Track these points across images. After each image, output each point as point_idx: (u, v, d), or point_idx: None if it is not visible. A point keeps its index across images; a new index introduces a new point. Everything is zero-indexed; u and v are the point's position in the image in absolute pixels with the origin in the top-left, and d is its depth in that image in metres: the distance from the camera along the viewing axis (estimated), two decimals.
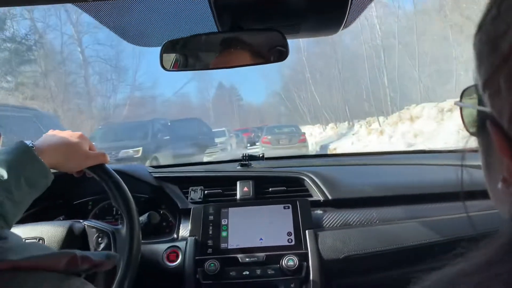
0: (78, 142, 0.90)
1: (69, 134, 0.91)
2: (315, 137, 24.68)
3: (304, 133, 16.69)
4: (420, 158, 1.66)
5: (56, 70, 20.34)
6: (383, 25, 21.63)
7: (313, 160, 1.81)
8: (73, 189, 1.43)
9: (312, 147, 17.52)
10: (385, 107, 20.35)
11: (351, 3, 0.94)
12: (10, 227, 0.73)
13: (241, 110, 52.96)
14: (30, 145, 0.82)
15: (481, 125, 0.41)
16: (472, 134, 0.44)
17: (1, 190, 0.72)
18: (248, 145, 24.31)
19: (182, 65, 1.04)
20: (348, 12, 0.99)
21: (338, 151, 11.90)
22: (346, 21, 1.03)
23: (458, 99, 0.46)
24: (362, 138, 15.83)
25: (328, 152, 11.57)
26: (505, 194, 0.37)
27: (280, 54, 0.98)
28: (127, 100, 26.65)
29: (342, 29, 1.10)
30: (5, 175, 0.73)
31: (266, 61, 1.00)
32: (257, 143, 20.62)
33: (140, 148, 9.86)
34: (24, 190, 0.76)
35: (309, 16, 1.00)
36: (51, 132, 0.92)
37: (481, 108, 0.38)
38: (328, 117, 28.87)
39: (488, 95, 0.36)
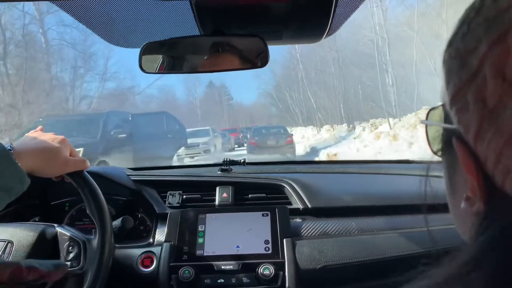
0: (59, 147, 0.88)
1: (51, 138, 0.88)
2: (309, 139, 22.73)
3: (292, 134, 17.19)
4: (402, 168, 1.66)
5: (18, 55, 18.13)
6: (391, 13, 19.92)
7: (295, 167, 1.80)
8: (50, 189, 1.40)
9: (305, 151, 16.42)
10: (390, 108, 18.75)
11: (333, 12, 0.94)
12: None
13: (231, 109, 52.51)
14: (8, 148, 0.79)
15: (446, 143, 0.40)
16: (436, 152, 0.44)
17: None
18: (236, 146, 23.94)
19: (161, 68, 1.03)
20: (331, 20, 0.98)
21: (341, 158, 10.41)
22: (329, 30, 1.03)
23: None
24: (370, 143, 13.47)
25: (328, 159, 10.78)
26: (468, 214, 0.37)
27: (261, 60, 0.97)
28: (96, 92, 23.68)
29: (325, 37, 1.10)
30: None
31: (247, 67, 0.99)
32: (245, 144, 20.60)
33: (81, 149, 7.78)
34: None
35: (291, 23, 0.99)
36: (32, 134, 0.89)
37: (447, 125, 0.38)
38: (323, 118, 27.62)
39: (455, 110, 0.36)
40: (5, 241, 0.95)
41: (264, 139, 15.00)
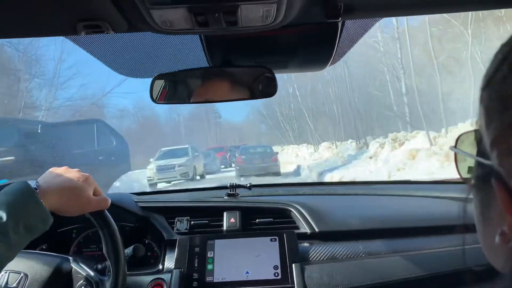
0: (83, 186, 0.87)
1: (76, 176, 0.88)
2: (305, 159, 20.57)
3: (277, 153, 17.99)
4: (408, 189, 1.68)
5: None
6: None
7: (301, 189, 1.81)
8: (58, 216, 1.41)
9: (305, 174, 14.97)
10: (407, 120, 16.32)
11: (338, 43, 0.97)
12: (0, 270, 0.71)
13: (219, 128, 51.02)
14: (34, 186, 0.79)
15: (481, 178, 0.40)
16: (468, 182, 0.44)
17: None
18: (222, 166, 22.50)
19: (171, 98, 1.05)
20: (336, 50, 1.02)
21: None
22: (333, 59, 1.06)
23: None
24: (402, 165, 10.43)
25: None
26: (502, 248, 0.37)
27: (269, 89, 1.00)
28: (44, 103, 17.88)
29: (329, 65, 1.14)
30: (4, 218, 0.71)
31: (254, 96, 1.02)
32: (233, 165, 20.27)
33: None
34: (21, 234, 0.74)
35: (297, 54, 1.03)
36: (57, 169, 0.89)
37: (484, 161, 0.38)
38: (319, 135, 25.37)
39: (496, 153, 0.36)
40: (20, 274, 0.96)
41: (251, 158, 15.82)
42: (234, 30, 0.80)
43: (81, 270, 1.01)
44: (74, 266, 1.01)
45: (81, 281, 0.99)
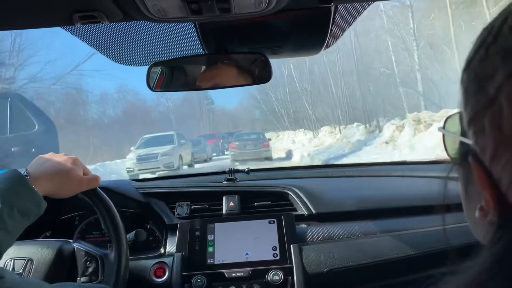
0: (72, 168, 0.90)
1: (63, 159, 0.91)
2: (304, 146, 19.20)
3: (269, 139, 18.57)
4: (403, 170, 1.71)
5: None
6: None
7: (298, 172, 1.84)
8: (60, 204, 1.43)
9: (305, 162, 13.79)
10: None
11: (331, 27, 0.98)
12: (1, 256, 0.74)
13: (212, 114, 49.01)
14: (24, 173, 0.82)
15: (462, 156, 0.43)
16: (453, 160, 0.46)
17: None
18: (214, 154, 21.20)
19: (168, 86, 1.07)
20: (329, 34, 1.03)
21: None
22: (327, 43, 1.07)
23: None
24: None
25: None
26: (482, 223, 0.40)
27: (264, 75, 1.01)
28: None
29: (324, 50, 1.15)
30: None
31: (250, 82, 1.03)
32: (226, 152, 20.48)
33: None
34: (17, 219, 0.76)
35: (291, 39, 1.04)
36: (45, 155, 0.92)
37: (464, 139, 0.41)
38: (317, 119, 23.63)
39: (472, 132, 0.38)
40: (25, 259, 0.99)
41: (244, 144, 16.59)
42: (227, 17, 0.81)
43: (82, 247, 1.04)
44: (75, 245, 1.04)
45: (85, 258, 1.02)
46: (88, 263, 1.02)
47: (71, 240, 1.09)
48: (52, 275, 0.99)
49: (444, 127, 0.48)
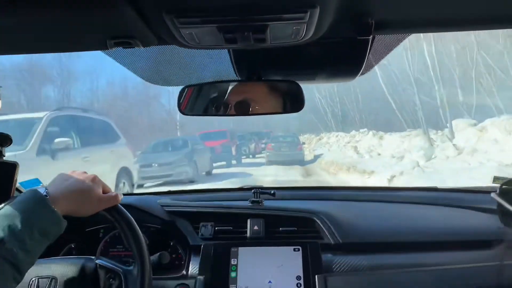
0: (91, 186, 0.90)
1: (83, 177, 0.91)
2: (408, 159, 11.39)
3: (303, 143, 18.99)
4: (436, 198, 1.64)
5: None
6: None
7: (326, 193, 1.79)
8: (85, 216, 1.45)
9: None
10: None
11: (368, 56, 0.96)
12: (22, 276, 0.74)
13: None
14: (44, 193, 0.82)
15: None
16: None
17: (14, 240, 0.73)
18: (220, 163, 15.25)
19: (197, 109, 1.06)
20: (365, 63, 1.00)
21: None
22: (362, 71, 1.05)
23: None
24: None
25: None
26: None
27: (296, 104, 0.99)
28: None
29: (358, 76, 1.12)
30: (19, 225, 0.74)
31: (281, 110, 1.01)
32: (245, 158, 19.48)
33: None
34: (36, 239, 0.76)
35: (326, 67, 1.01)
36: (65, 174, 0.92)
37: None
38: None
39: None
40: (49, 278, 0.99)
41: (279, 146, 17.02)
42: (262, 47, 0.80)
43: (105, 263, 1.03)
44: (98, 262, 1.04)
45: (108, 274, 1.01)
46: (111, 280, 1.01)
47: (93, 257, 1.09)
48: None
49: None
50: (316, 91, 27.44)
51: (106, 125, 7.72)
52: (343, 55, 0.94)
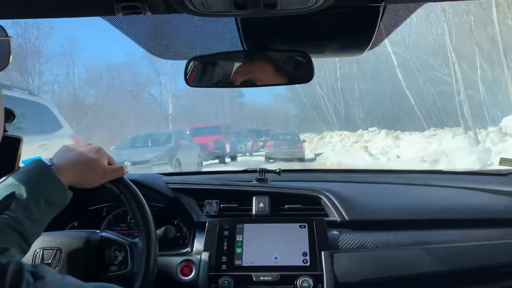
0: (96, 158, 0.89)
1: (88, 149, 0.90)
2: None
3: (303, 141, 18.81)
4: (442, 179, 1.63)
5: None
6: None
7: (330, 175, 1.79)
8: (89, 194, 1.44)
9: None
10: None
11: (378, 27, 0.93)
12: (29, 246, 0.73)
13: (241, 108, 43.20)
14: (49, 163, 0.81)
15: None
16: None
17: (20, 209, 0.72)
18: (211, 161, 14.38)
19: (203, 81, 1.04)
20: (375, 35, 0.98)
21: None
22: (372, 43, 1.03)
23: None
24: None
25: None
26: None
27: (305, 75, 0.97)
28: None
29: (367, 51, 1.10)
30: (25, 195, 0.73)
31: (287, 82, 1.00)
32: (238, 159, 18.17)
33: None
34: (43, 209, 0.76)
35: (335, 38, 0.99)
36: (68, 146, 0.91)
37: None
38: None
39: None
40: (54, 249, 0.99)
41: (279, 143, 17.00)
42: (271, 13, 0.78)
43: (110, 236, 1.03)
44: (103, 234, 1.04)
45: (113, 247, 1.01)
46: (116, 252, 1.01)
47: (98, 231, 1.08)
48: (82, 264, 0.99)
49: None
50: (318, 88, 26.53)
51: (43, 110, 5.87)
52: (353, 25, 0.92)
